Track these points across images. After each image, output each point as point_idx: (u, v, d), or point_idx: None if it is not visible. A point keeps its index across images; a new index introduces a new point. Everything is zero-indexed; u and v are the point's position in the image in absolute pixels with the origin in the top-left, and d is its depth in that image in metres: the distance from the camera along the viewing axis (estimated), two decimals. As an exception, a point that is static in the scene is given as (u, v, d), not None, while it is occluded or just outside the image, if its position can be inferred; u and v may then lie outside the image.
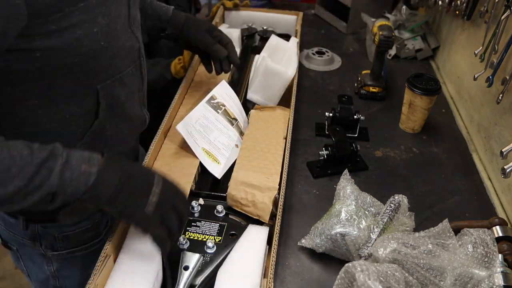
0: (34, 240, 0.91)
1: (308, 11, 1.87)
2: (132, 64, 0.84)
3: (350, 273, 0.67)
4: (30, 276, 1.03)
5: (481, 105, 1.16)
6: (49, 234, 0.90)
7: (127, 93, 0.84)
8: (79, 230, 0.92)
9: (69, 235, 0.92)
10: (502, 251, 0.77)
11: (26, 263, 0.99)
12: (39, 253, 0.94)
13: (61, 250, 0.93)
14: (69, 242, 0.93)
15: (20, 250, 0.96)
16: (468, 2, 1.23)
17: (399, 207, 0.83)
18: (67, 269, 0.98)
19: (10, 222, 0.90)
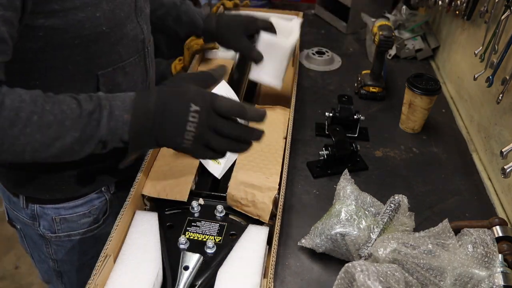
0: (34, 220, 0.94)
1: (308, 11, 1.87)
2: (135, 54, 0.85)
3: (350, 273, 0.67)
4: (33, 255, 1.06)
5: (481, 105, 1.16)
6: (47, 215, 0.92)
7: (129, 82, 0.85)
8: (77, 214, 0.94)
9: (67, 218, 0.93)
10: (502, 251, 0.77)
11: (28, 243, 1.03)
12: (38, 234, 0.96)
13: (59, 233, 0.95)
14: (67, 225, 0.94)
15: (23, 229, 0.99)
16: (468, 2, 1.23)
17: (399, 207, 0.83)
18: (64, 252, 1.00)
19: (13, 201, 0.93)
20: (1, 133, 0.58)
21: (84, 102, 0.63)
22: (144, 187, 0.85)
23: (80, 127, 0.62)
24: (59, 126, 0.61)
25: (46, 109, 0.61)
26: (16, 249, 2.08)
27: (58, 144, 0.62)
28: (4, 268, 2.02)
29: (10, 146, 0.59)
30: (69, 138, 0.62)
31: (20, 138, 0.59)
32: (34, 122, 0.59)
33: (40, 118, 0.60)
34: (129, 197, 0.81)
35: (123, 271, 0.72)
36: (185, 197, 0.83)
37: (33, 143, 0.60)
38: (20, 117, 0.59)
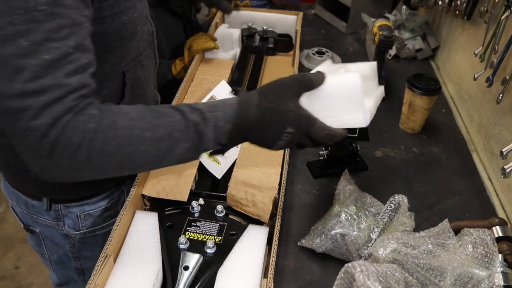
0: (58, 221, 0.95)
1: (308, 11, 1.87)
2: (148, 47, 0.90)
3: (349, 273, 0.67)
4: (51, 258, 1.06)
5: (481, 105, 1.16)
6: (72, 213, 0.94)
7: (145, 74, 0.90)
8: (99, 209, 0.96)
9: (91, 213, 0.96)
10: (502, 251, 0.77)
11: (47, 246, 1.02)
12: (62, 234, 0.98)
13: (83, 229, 0.97)
14: (91, 221, 0.97)
15: (43, 232, 0.99)
16: (468, 2, 1.23)
17: (399, 207, 0.83)
18: (88, 249, 1.01)
19: (32, 204, 0.94)
20: (119, 153, 0.59)
21: (188, 114, 0.64)
22: (144, 187, 0.85)
23: (188, 138, 0.63)
24: (170, 139, 0.62)
25: (156, 124, 0.62)
26: (16, 249, 2.08)
27: (170, 156, 0.63)
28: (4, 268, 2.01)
29: (128, 164, 0.61)
30: (179, 149, 0.63)
31: (138, 155, 0.61)
32: (147, 138, 0.61)
33: (153, 133, 0.61)
34: (129, 197, 0.81)
35: (123, 271, 0.72)
36: (185, 197, 0.83)
37: (148, 158, 0.62)
38: (135, 135, 0.60)
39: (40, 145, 0.56)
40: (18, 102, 0.54)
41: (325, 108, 0.70)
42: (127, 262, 0.74)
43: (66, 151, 0.57)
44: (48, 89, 0.55)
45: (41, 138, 0.55)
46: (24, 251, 2.07)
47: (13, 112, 0.55)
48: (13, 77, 0.54)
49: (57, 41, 0.56)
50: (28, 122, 0.55)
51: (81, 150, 0.57)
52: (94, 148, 0.58)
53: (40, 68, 0.55)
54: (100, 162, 0.59)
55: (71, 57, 0.57)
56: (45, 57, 0.55)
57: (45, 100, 0.55)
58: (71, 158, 0.57)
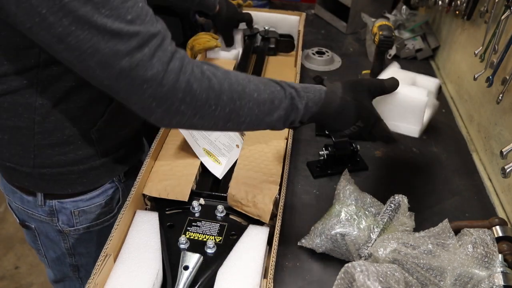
0: (52, 216, 0.95)
1: (308, 11, 1.87)
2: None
3: (349, 274, 0.67)
4: (46, 255, 1.06)
5: (481, 105, 1.16)
6: (66, 209, 0.94)
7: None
8: (94, 205, 0.96)
9: (85, 210, 0.96)
10: (502, 251, 0.77)
11: (43, 241, 1.03)
12: (56, 230, 0.98)
13: (77, 226, 0.97)
14: (85, 217, 0.97)
15: (38, 228, 0.99)
16: (468, 2, 1.23)
17: (399, 207, 0.83)
18: (82, 245, 1.02)
19: (27, 200, 0.94)
20: (232, 104, 0.66)
21: (286, 88, 0.71)
22: (145, 187, 0.86)
23: (284, 107, 0.71)
24: (270, 104, 0.69)
25: (261, 88, 0.69)
26: (16, 249, 2.08)
27: (268, 119, 0.71)
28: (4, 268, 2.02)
29: (236, 116, 0.68)
30: (276, 116, 0.71)
31: (245, 110, 0.68)
32: (254, 98, 0.68)
33: (259, 95, 0.68)
34: (130, 197, 0.81)
35: (123, 270, 0.73)
36: (185, 197, 0.83)
37: (252, 116, 0.69)
38: (246, 92, 0.67)
39: (160, 93, 0.61)
40: (128, 61, 0.59)
41: (389, 111, 0.82)
42: (127, 262, 0.74)
43: (187, 95, 0.63)
44: (147, 40, 0.60)
45: (159, 86, 0.61)
46: (24, 251, 2.07)
47: (127, 71, 0.59)
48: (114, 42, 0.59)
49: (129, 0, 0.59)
50: (144, 75, 0.60)
51: (201, 95, 0.63)
52: (212, 95, 0.64)
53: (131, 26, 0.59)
54: (213, 110, 0.65)
55: (145, 10, 0.62)
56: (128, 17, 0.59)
57: (149, 51, 0.60)
58: (190, 103, 0.63)
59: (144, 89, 0.60)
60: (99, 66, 0.60)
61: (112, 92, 0.63)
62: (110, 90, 0.63)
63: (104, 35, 0.57)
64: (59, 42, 0.58)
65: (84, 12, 0.56)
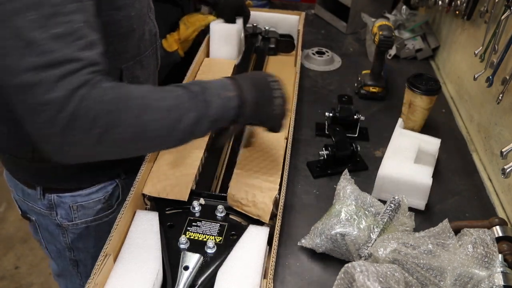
0: (51, 210, 0.95)
1: (308, 11, 1.87)
2: (150, 47, 0.91)
3: (349, 274, 0.67)
4: (48, 247, 1.07)
5: (481, 105, 1.16)
6: (65, 203, 0.94)
7: (145, 74, 0.91)
8: (93, 201, 0.97)
9: (84, 205, 0.96)
10: (502, 251, 0.77)
11: (43, 234, 1.03)
12: (55, 223, 0.98)
13: (76, 220, 0.98)
14: (84, 213, 0.97)
15: (38, 221, 1.00)
16: (468, 2, 1.23)
17: (399, 207, 0.83)
18: (81, 240, 1.02)
19: (28, 192, 0.95)
20: (135, 121, 0.61)
21: (190, 86, 0.68)
22: (144, 187, 0.86)
23: (196, 107, 0.66)
24: (178, 108, 0.65)
25: (165, 96, 0.65)
26: (16, 249, 2.08)
27: (181, 126, 0.65)
28: (4, 268, 2.02)
29: (144, 134, 0.62)
30: (189, 119, 0.66)
31: (151, 124, 0.63)
32: (159, 107, 0.63)
33: (163, 103, 0.64)
34: (130, 197, 0.81)
35: (123, 270, 0.72)
36: (185, 197, 0.83)
37: (162, 128, 0.64)
38: (147, 104, 0.63)
39: (56, 120, 0.55)
40: (32, 77, 0.54)
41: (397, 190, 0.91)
42: (127, 262, 0.74)
43: (83, 123, 0.57)
44: (62, 63, 0.55)
45: (57, 112, 0.55)
46: (24, 251, 2.07)
47: (27, 87, 0.55)
48: (25, 51, 0.54)
49: (65, 15, 0.57)
50: (43, 96, 0.55)
51: (99, 121, 0.57)
52: (111, 118, 0.58)
53: (51, 41, 0.55)
54: (116, 134, 0.59)
55: (80, 32, 0.58)
56: (55, 30, 0.55)
57: (59, 73, 0.55)
58: (88, 131, 0.57)
59: (39, 110, 0.55)
60: (3, 71, 0.56)
61: (11, 104, 0.58)
62: (10, 100, 0.57)
63: (19, 40, 0.54)
64: None
65: (10, 9, 0.54)
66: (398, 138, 1.03)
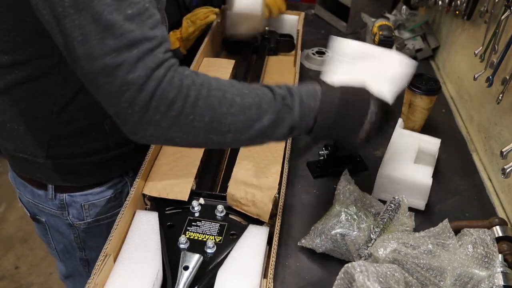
0: (62, 210, 0.96)
1: (308, 11, 1.87)
2: None
3: (349, 274, 0.67)
4: (57, 248, 1.07)
5: (481, 105, 1.16)
6: (76, 202, 0.95)
7: None
8: (104, 199, 0.97)
9: (95, 203, 0.97)
10: (502, 251, 0.77)
11: (53, 235, 1.03)
12: (66, 223, 0.99)
13: (87, 219, 0.98)
14: (95, 211, 0.98)
15: (48, 222, 1.00)
16: (468, 2, 1.23)
17: (399, 207, 0.83)
18: (92, 239, 1.02)
19: (38, 194, 0.95)
20: (211, 111, 0.61)
21: (275, 88, 0.66)
22: (144, 187, 0.86)
23: (275, 110, 0.65)
24: (257, 108, 0.64)
25: (245, 92, 0.64)
26: (16, 249, 2.08)
27: (257, 126, 0.64)
28: (4, 268, 2.02)
29: (218, 125, 0.63)
30: (266, 120, 0.64)
31: (227, 117, 0.62)
32: (238, 103, 0.63)
33: (242, 100, 0.63)
34: (130, 197, 0.81)
35: (123, 270, 0.73)
36: (185, 197, 0.83)
37: (237, 124, 0.63)
38: (227, 98, 0.62)
39: (137, 99, 0.58)
40: (113, 59, 0.56)
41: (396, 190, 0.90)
42: (127, 262, 0.74)
43: (161, 104, 0.59)
44: (139, 42, 0.57)
45: (138, 91, 0.57)
46: (24, 251, 2.07)
47: (110, 69, 0.57)
48: (105, 34, 0.56)
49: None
50: (125, 76, 0.57)
51: (176, 104, 0.59)
52: (187, 103, 0.60)
53: (127, 22, 0.57)
54: (191, 120, 0.61)
55: (149, 12, 0.59)
56: (128, 12, 0.57)
57: (137, 53, 0.57)
58: (165, 113, 0.59)
59: (122, 91, 0.58)
60: (84, 57, 0.58)
61: (92, 88, 0.61)
62: (91, 86, 0.60)
63: (97, 25, 0.56)
64: (57, 24, 0.57)
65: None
66: (398, 138, 1.03)
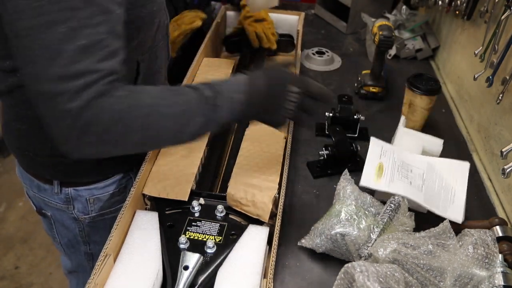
0: (68, 204, 0.97)
1: (308, 11, 1.87)
2: (162, 38, 0.92)
3: (349, 274, 0.67)
4: (62, 242, 1.08)
5: (481, 105, 1.16)
6: (81, 197, 0.96)
7: (158, 65, 0.93)
8: (108, 193, 0.99)
9: (100, 197, 0.98)
10: (502, 251, 0.77)
11: (58, 229, 1.05)
12: (71, 217, 1.00)
13: (92, 213, 0.99)
14: (99, 205, 0.99)
15: (54, 216, 1.01)
16: (468, 2, 1.23)
17: (399, 207, 0.82)
18: (97, 233, 1.03)
19: (44, 188, 0.96)
20: (145, 128, 0.65)
21: (202, 90, 0.69)
22: (144, 187, 0.86)
23: (204, 112, 0.69)
24: (188, 114, 0.68)
25: (175, 101, 0.68)
26: (16, 249, 2.08)
27: (188, 130, 0.68)
28: (4, 268, 2.01)
29: (152, 138, 0.67)
30: (197, 123, 0.68)
31: (160, 130, 0.66)
32: (169, 114, 0.66)
33: (173, 110, 0.67)
34: (130, 197, 0.81)
35: (123, 270, 0.73)
36: (185, 197, 0.83)
37: (169, 133, 0.68)
38: (159, 112, 0.66)
39: (74, 126, 0.60)
40: (56, 86, 0.58)
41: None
42: (127, 262, 0.74)
43: (97, 130, 0.62)
44: (83, 74, 0.59)
45: (75, 120, 0.60)
46: (24, 251, 2.07)
47: (52, 95, 0.59)
48: (52, 62, 0.58)
49: (91, 27, 0.60)
50: (64, 104, 0.59)
51: (111, 129, 0.62)
52: (121, 126, 0.63)
53: (76, 53, 0.59)
54: (125, 138, 0.65)
55: (103, 43, 0.61)
56: (80, 42, 0.59)
57: (80, 84, 0.59)
58: (101, 136, 0.62)
59: (61, 117, 0.60)
60: (30, 77, 0.60)
61: (35, 105, 0.62)
62: (34, 103, 0.62)
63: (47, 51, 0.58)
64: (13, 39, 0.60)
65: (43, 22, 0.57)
66: (402, 137, 1.03)
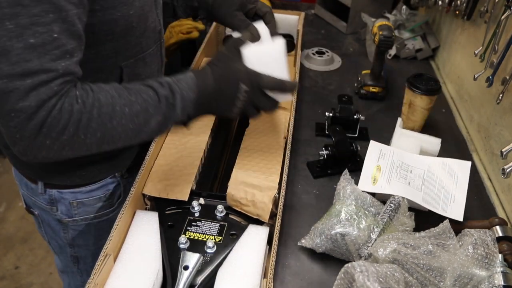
0: (51, 205, 0.96)
1: (308, 11, 1.87)
2: (153, 45, 0.90)
3: (349, 274, 0.67)
4: (50, 242, 1.08)
5: (481, 105, 1.16)
6: (65, 199, 0.95)
7: (148, 72, 0.91)
8: (93, 198, 0.97)
9: (84, 202, 0.97)
10: (502, 251, 0.77)
11: (46, 229, 1.05)
12: (56, 219, 0.99)
13: (76, 217, 0.98)
14: (84, 210, 0.98)
15: (41, 215, 1.01)
16: (468, 2, 1.23)
17: (399, 207, 0.83)
18: (81, 237, 1.03)
19: (31, 187, 0.96)
20: (102, 128, 0.64)
21: (159, 89, 0.70)
22: (144, 187, 0.86)
23: (161, 111, 0.69)
24: (145, 114, 0.68)
25: (133, 100, 0.67)
26: (16, 249, 2.08)
27: (146, 129, 0.69)
28: (4, 268, 2.02)
29: (109, 138, 0.66)
30: (153, 122, 0.69)
31: (118, 129, 0.66)
32: (126, 113, 0.66)
33: (130, 109, 0.67)
34: (130, 197, 0.81)
35: (123, 270, 0.72)
36: (185, 197, 0.83)
37: (127, 132, 0.67)
38: (116, 111, 0.65)
39: (26, 127, 0.59)
40: (5, 84, 0.57)
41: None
42: (127, 262, 0.74)
43: (51, 131, 0.60)
44: (34, 73, 0.58)
45: (27, 120, 0.58)
46: (24, 251, 2.07)
47: (1, 93, 0.57)
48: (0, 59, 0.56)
49: (42, 25, 0.58)
50: (14, 103, 0.57)
51: (67, 130, 0.61)
52: (79, 127, 0.62)
53: (26, 51, 0.57)
54: (83, 139, 0.64)
55: (56, 42, 0.59)
56: (30, 40, 0.57)
57: (31, 83, 0.58)
58: (56, 138, 0.61)
59: (11, 117, 0.58)
60: None
61: None
62: None
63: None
64: None
65: None
66: (399, 138, 1.03)
